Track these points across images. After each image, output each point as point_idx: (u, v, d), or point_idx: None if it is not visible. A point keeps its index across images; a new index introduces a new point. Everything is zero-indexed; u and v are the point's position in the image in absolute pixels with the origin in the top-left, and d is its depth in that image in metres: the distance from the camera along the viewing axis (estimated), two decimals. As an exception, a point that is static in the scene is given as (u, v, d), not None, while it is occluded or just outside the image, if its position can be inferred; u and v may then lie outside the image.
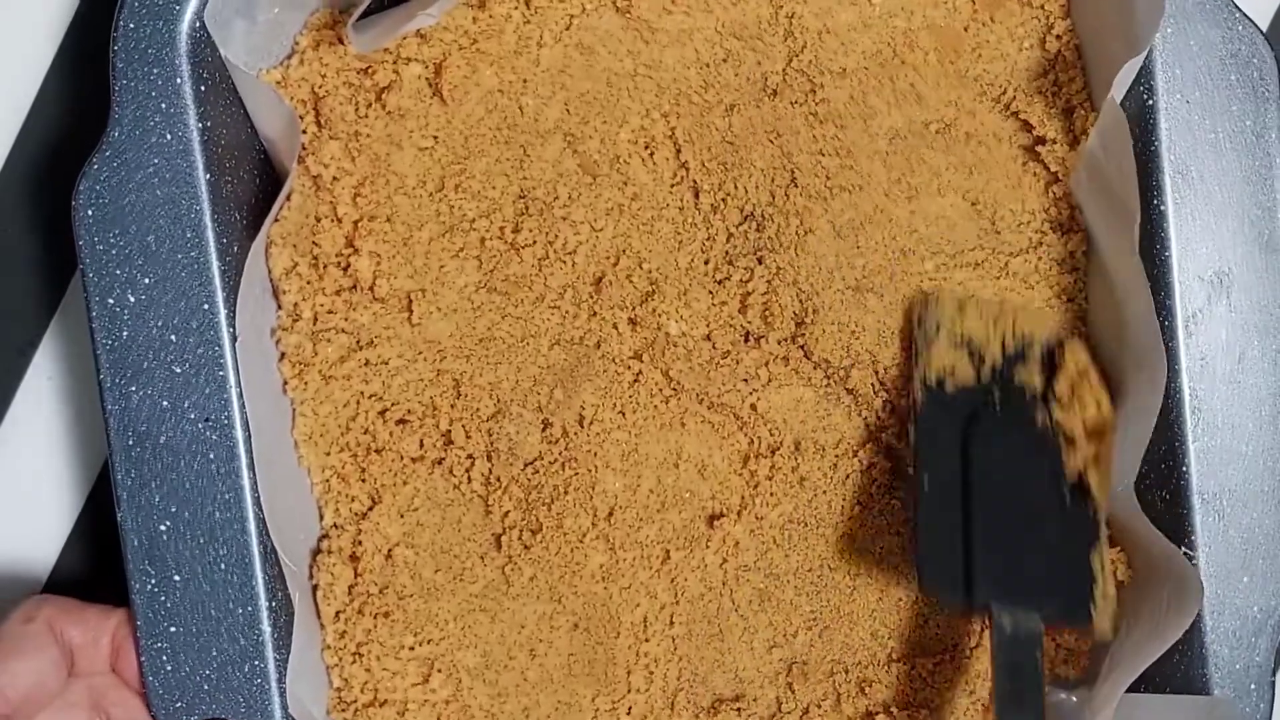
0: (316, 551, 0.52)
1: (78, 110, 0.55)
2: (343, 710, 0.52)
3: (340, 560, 0.52)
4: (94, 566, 0.56)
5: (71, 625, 0.49)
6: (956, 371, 0.52)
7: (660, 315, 0.52)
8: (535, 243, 0.52)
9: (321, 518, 0.52)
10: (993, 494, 0.51)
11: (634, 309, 0.53)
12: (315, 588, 0.52)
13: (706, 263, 0.53)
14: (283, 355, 0.52)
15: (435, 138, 0.52)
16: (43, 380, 0.56)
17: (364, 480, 0.52)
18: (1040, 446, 0.51)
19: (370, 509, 0.52)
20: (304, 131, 0.51)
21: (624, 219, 0.52)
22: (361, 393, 0.52)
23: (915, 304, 0.53)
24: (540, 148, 0.52)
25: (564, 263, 0.52)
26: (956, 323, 0.52)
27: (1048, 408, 0.52)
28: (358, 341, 0.52)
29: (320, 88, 0.51)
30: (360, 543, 0.52)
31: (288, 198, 0.51)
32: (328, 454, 0.52)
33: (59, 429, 0.56)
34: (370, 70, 0.51)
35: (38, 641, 0.47)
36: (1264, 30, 0.50)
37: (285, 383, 0.52)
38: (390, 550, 0.52)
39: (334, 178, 0.51)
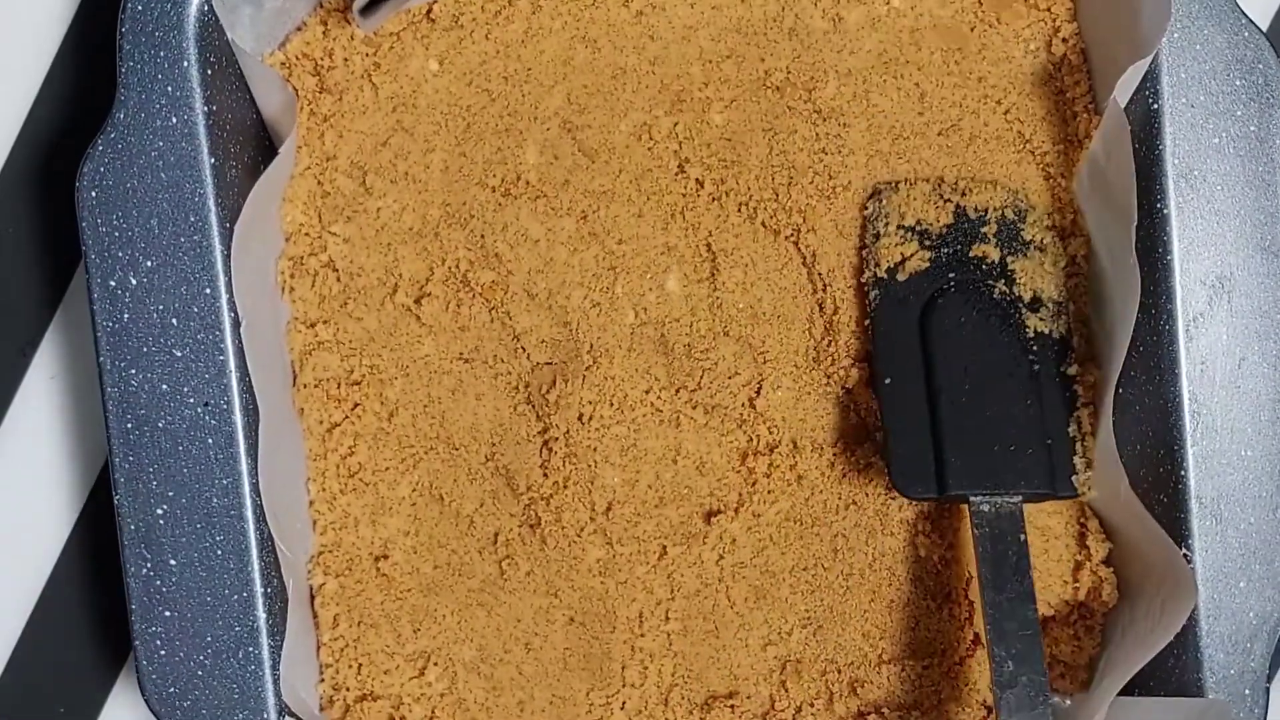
0: (316, 552, 0.52)
1: (81, 105, 0.55)
2: (336, 703, 0.52)
3: (338, 560, 0.52)
4: (94, 566, 0.55)
5: None
6: (908, 261, 0.51)
7: (662, 308, 0.53)
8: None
9: (312, 502, 0.52)
10: (957, 378, 0.50)
11: (636, 299, 0.53)
12: (311, 591, 0.52)
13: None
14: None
15: (439, 123, 0.52)
16: (44, 380, 0.55)
17: (362, 476, 0.53)
18: (1002, 318, 0.51)
19: (368, 505, 0.52)
20: (308, 101, 0.51)
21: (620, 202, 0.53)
22: (364, 381, 0.52)
23: (867, 199, 0.52)
24: (539, 133, 0.52)
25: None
26: (904, 208, 0.51)
27: (1007, 275, 0.51)
28: (347, 333, 0.52)
29: (323, 62, 0.51)
30: (357, 542, 0.52)
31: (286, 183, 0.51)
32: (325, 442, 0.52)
33: (60, 428, 0.55)
34: (377, 50, 0.51)
35: None
36: (1264, 31, 0.50)
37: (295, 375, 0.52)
38: (388, 546, 0.52)
39: (339, 135, 0.52)
